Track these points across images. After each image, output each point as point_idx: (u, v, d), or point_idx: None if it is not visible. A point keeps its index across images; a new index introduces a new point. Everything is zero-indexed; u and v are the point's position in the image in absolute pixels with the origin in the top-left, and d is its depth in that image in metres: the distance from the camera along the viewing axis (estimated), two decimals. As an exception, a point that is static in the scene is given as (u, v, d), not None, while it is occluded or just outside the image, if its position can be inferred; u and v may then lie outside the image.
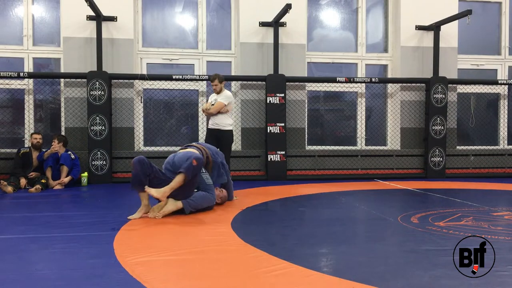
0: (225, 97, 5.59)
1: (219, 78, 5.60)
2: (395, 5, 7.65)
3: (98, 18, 6.56)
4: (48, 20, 6.98)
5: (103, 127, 6.55)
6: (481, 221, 3.70)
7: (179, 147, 7.02)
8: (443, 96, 7.30)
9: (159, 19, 7.31)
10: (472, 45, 7.94)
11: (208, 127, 5.73)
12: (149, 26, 7.26)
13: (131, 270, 2.36)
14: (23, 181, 5.88)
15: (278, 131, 6.89)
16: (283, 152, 6.91)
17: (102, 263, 2.52)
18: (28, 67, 6.83)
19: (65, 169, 6.00)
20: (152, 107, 7.35)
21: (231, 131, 5.68)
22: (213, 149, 4.64)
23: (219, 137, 5.57)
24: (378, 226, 3.64)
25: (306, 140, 7.44)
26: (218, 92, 5.63)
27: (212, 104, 5.60)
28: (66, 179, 5.95)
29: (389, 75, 7.73)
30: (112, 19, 6.74)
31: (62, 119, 6.85)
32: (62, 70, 6.81)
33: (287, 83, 6.97)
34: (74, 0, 6.54)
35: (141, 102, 7.08)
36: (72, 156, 6.12)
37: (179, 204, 3.89)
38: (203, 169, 4.21)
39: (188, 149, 4.35)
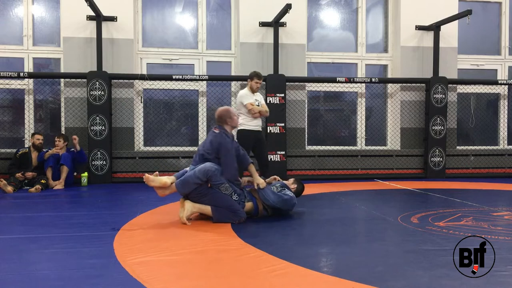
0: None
1: None
2: (395, 5, 7.65)
3: (98, 18, 6.56)
4: (48, 20, 6.98)
5: (103, 127, 6.55)
6: (481, 221, 3.70)
7: (179, 147, 7.17)
8: (443, 96, 7.30)
9: (159, 19, 7.31)
10: (472, 45, 7.94)
11: (251, 128, 5.23)
12: (149, 26, 7.25)
13: (131, 270, 2.36)
14: (19, 175, 5.87)
15: (278, 131, 6.89)
16: (283, 152, 6.90)
17: (102, 263, 2.52)
18: (28, 67, 6.83)
19: (65, 169, 6.00)
20: (152, 107, 7.35)
21: None
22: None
23: (257, 138, 5.31)
24: (378, 226, 3.64)
25: (306, 140, 7.43)
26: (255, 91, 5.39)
27: (257, 105, 5.26)
28: (64, 176, 5.98)
29: (389, 75, 7.73)
30: (112, 19, 6.74)
31: (62, 119, 6.85)
32: (62, 70, 6.81)
33: (287, 83, 6.97)
34: (74, 0, 6.54)
35: (141, 102, 7.08)
36: (75, 151, 6.12)
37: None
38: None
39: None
